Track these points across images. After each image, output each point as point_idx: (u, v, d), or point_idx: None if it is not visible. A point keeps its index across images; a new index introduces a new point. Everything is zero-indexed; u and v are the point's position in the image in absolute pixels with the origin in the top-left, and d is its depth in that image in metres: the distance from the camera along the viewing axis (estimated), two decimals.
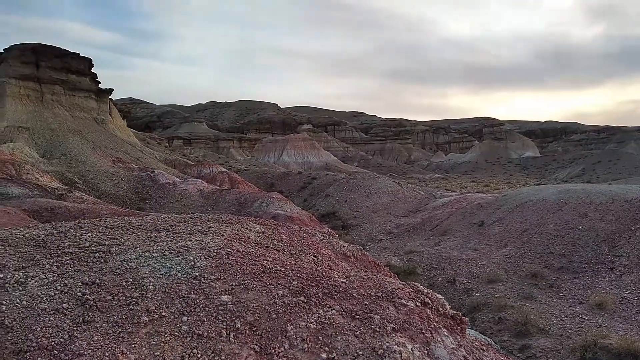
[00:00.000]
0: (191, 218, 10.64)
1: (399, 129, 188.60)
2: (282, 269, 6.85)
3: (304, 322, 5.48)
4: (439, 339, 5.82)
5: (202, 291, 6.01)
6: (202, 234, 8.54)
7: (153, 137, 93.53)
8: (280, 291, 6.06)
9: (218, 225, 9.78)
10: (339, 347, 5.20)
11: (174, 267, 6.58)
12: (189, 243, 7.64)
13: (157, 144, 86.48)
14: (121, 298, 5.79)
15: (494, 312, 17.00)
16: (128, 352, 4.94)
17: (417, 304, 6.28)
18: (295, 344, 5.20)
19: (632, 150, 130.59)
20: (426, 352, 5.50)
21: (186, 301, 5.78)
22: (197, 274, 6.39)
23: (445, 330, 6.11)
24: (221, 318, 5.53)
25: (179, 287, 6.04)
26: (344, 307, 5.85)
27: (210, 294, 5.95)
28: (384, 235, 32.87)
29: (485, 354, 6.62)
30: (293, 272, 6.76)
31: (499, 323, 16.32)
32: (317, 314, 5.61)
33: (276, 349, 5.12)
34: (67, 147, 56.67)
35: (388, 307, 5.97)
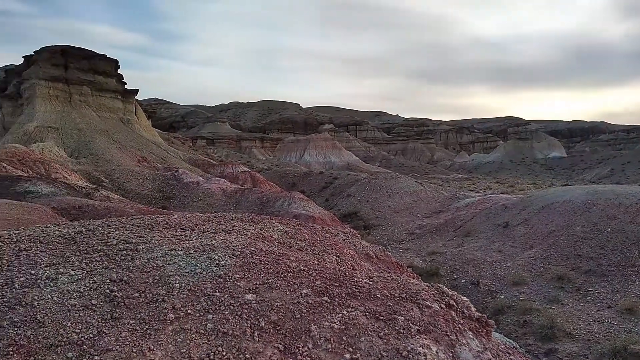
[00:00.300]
0: (215, 217, 10.75)
1: (421, 128, 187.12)
2: (306, 268, 6.86)
3: (327, 322, 5.48)
4: (464, 342, 5.74)
5: (226, 289, 6.07)
6: (226, 233, 8.63)
7: (177, 137, 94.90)
8: (304, 291, 6.07)
9: (242, 224, 9.86)
10: (362, 347, 5.19)
11: (199, 265, 6.66)
12: (214, 242, 7.72)
13: (181, 143, 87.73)
14: (148, 295, 5.88)
15: (519, 315, 16.70)
16: (155, 349, 5.02)
17: (442, 305, 6.22)
18: (319, 343, 5.20)
19: None
20: (451, 354, 5.44)
21: (211, 299, 5.84)
22: (221, 272, 6.46)
23: (471, 333, 6.02)
24: (245, 316, 5.57)
25: (204, 286, 6.11)
26: (367, 307, 5.82)
27: (235, 293, 6.00)
28: (406, 236, 32.65)
29: (512, 357, 6.51)
30: (316, 271, 6.77)
31: (524, 326, 16.03)
32: (340, 314, 5.61)
33: (300, 348, 5.13)
34: (94, 147, 57.99)
35: (412, 309, 5.92)
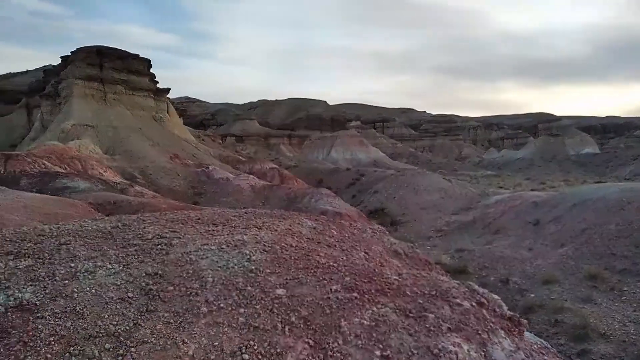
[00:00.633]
0: (245, 213, 10.90)
1: (449, 125, 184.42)
2: (335, 264, 6.90)
3: (357, 318, 5.51)
4: (496, 341, 5.68)
5: (258, 284, 6.17)
6: (256, 228, 8.75)
7: (207, 134, 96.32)
8: (334, 287, 6.12)
9: (271, 220, 9.98)
10: (393, 345, 5.20)
11: (231, 260, 6.79)
12: (245, 237, 7.84)
13: (211, 140, 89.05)
14: (182, 289, 6.04)
15: (550, 314, 16.33)
16: (188, 342, 5.15)
17: (473, 303, 6.16)
18: (349, 339, 5.24)
19: None
20: (483, 353, 5.39)
21: (243, 294, 5.95)
22: (253, 267, 6.57)
23: (503, 332, 5.95)
24: (276, 311, 5.65)
25: (236, 280, 6.22)
26: (397, 304, 5.83)
27: (266, 288, 6.09)
28: (434, 233, 32.32)
29: (545, 357, 6.40)
30: (346, 268, 6.81)
31: (555, 326, 15.67)
32: (370, 311, 5.63)
33: (330, 344, 5.18)
34: (128, 144, 59.48)
35: (443, 307, 5.90)
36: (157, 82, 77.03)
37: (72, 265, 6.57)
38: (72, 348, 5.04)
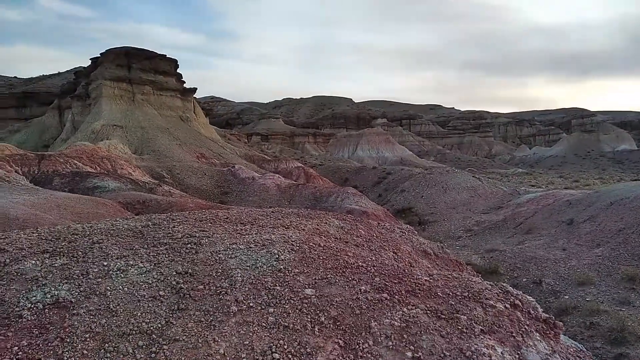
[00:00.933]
0: (272, 212, 10.93)
1: (478, 121, 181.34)
2: (364, 264, 6.83)
3: (387, 319, 5.43)
4: (531, 344, 5.52)
5: (286, 284, 6.15)
6: (284, 228, 8.75)
7: (233, 134, 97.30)
8: (363, 287, 6.05)
9: (298, 219, 9.97)
10: (424, 346, 5.10)
11: (259, 259, 6.80)
12: (273, 236, 7.85)
13: (237, 140, 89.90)
14: (212, 288, 6.07)
15: (585, 316, 15.84)
16: (219, 340, 5.17)
17: (507, 305, 6.00)
18: (380, 340, 5.17)
19: None
20: (517, 356, 5.24)
21: (272, 293, 5.95)
22: (281, 266, 6.56)
23: (538, 335, 5.78)
24: (305, 311, 5.62)
25: (265, 279, 6.22)
26: (428, 306, 5.72)
27: (295, 287, 6.07)
28: (463, 233, 31.82)
29: None
30: (375, 268, 6.73)
31: (590, 328, 15.19)
32: (401, 312, 5.54)
33: (360, 344, 5.12)
34: (156, 144, 60.57)
35: (475, 308, 5.76)
36: (184, 82, 78.23)
37: (105, 263, 6.69)
38: (106, 345, 5.13)
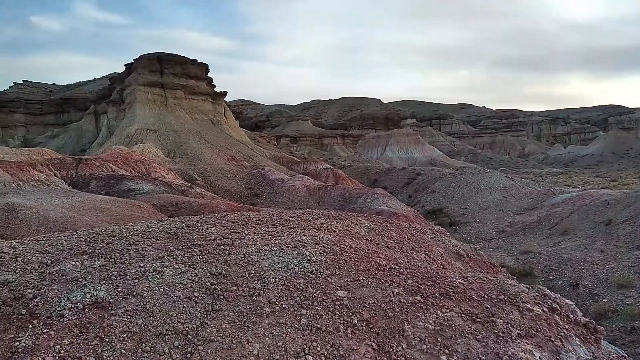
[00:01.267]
0: (303, 213, 10.97)
1: (511, 120, 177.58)
2: (396, 266, 6.78)
3: (421, 322, 5.37)
4: (571, 348, 5.35)
5: (318, 285, 6.16)
6: (315, 230, 8.77)
7: (262, 136, 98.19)
8: (396, 289, 6.00)
9: (329, 220, 9.98)
10: (459, 350, 5.02)
11: (291, 261, 6.84)
12: (304, 238, 7.88)
13: (266, 142, 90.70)
14: (245, 289, 6.14)
15: (626, 320, 15.25)
16: (253, 341, 5.22)
17: (544, 309, 5.84)
18: (414, 344, 5.11)
19: None
20: None
21: (304, 295, 5.96)
22: (313, 268, 6.57)
23: (577, 339, 5.60)
24: (338, 313, 5.61)
25: (297, 281, 6.25)
26: (463, 309, 5.63)
27: (327, 289, 6.07)
28: (496, 234, 31.20)
29: None
30: (407, 270, 6.67)
31: (631, 333, 14.62)
32: (434, 315, 5.47)
33: (394, 347, 5.07)
34: (188, 147, 61.74)
35: (512, 311, 5.63)
36: (215, 86, 79.52)
37: (142, 264, 6.85)
38: (144, 345, 5.25)
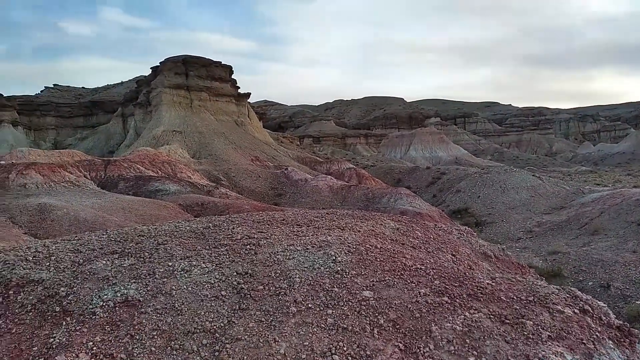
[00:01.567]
0: (327, 213, 10.98)
1: (537, 118, 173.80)
2: (422, 267, 6.73)
3: (449, 323, 5.31)
4: (604, 352, 5.21)
5: (344, 285, 6.16)
6: (339, 229, 8.77)
7: (285, 137, 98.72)
8: (422, 290, 5.95)
9: (353, 220, 9.96)
10: (488, 352, 4.95)
11: (316, 260, 6.85)
12: (329, 238, 7.89)
13: (289, 142, 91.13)
14: (271, 288, 6.18)
15: None
16: (280, 340, 5.26)
17: (575, 310, 5.71)
18: (441, 345, 5.06)
19: None
20: None
21: (330, 294, 5.97)
22: (338, 268, 6.58)
23: (611, 342, 5.45)
24: (364, 313, 5.60)
25: (323, 281, 6.26)
26: (491, 310, 5.54)
27: (353, 289, 6.07)
28: (523, 234, 30.62)
29: None
30: (434, 270, 6.61)
31: None
32: (462, 316, 5.40)
33: (421, 348, 5.04)
34: (213, 148, 62.51)
35: (542, 313, 5.52)
36: (238, 87, 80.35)
37: (170, 264, 6.98)
38: (173, 342, 5.34)
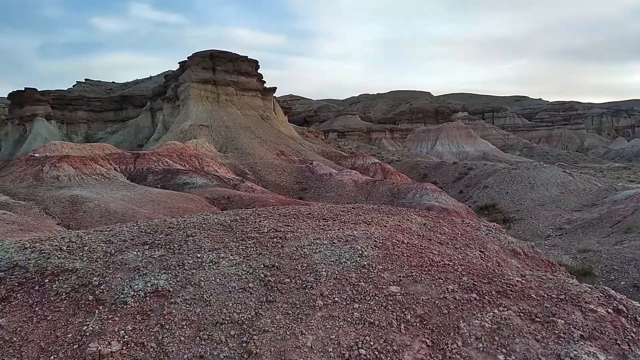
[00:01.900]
0: (353, 208, 10.96)
1: (569, 112, 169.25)
2: (450, 263, 6.66)
3: (477, 320, 5.24)
4: (639, 353, 5.07)
5: (371, 280, 6.15)
6: (365, 224, 8.75)
7: (310, 131, 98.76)
8: (450, 286, 5.89)
9: (379, 215, 9.92)
10: (517, 350, 4.87)
11: (343, 255, 6.86)
12: (355, 232, 7.88)
13: (314, 137, 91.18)
14: (297, 281, 6.22)
15: None
16: (306, 333, 5.29)
17: (609, 310, 5.56)
18: (469, 342, 5.01)
19: None
20: None
21: (356, 289, 5.97)
22: (365, 263, 6.57)
23: None
24: (391, 308, 5.59)
25: (349, 275, 6.27)
26: (521, 308, 5.45)
27: (379, 284, 6.05)
28: (553, 232, 29.96)
29: None
30: (462, 267, 6.53)
31: None
32: (491, 313, 5.33)
33: (449, 345, 4.99)
34: (239, 142, 63.11)
35: (573, 312, 5.40)
36: (264, 81, 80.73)
37: (199, 255, 7.09)
38: (201, 333, 5.44)
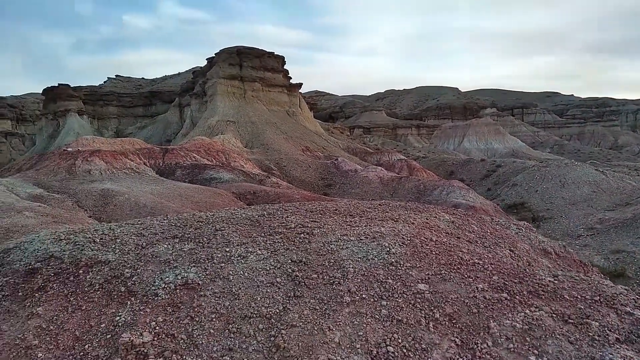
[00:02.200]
0: (380, 204, 10.91)
1: (602, 109, 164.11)
2: (480, 262, 6.56)
3: (508, 320, 5.16)
4: None
5: (398, 277, 6.12)
6: (393, 221, 8.69)
7: (336, 127, 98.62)
8: (480, 285, 5.81)
9: (407, 212, 9.84)
10: (550, 351, 4.77)
11: (370, 251, 6.83)
12: (382, 229, 7.84)
13: (339, 133, 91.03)
14: (325, 277, 6.23)
15: None
16: (334, 329, 5.30)
17: None
18: (500, 342, 4.93)
19: None
20: None
21: (384, 286, 5.95)
22: (393, 260, 6.53)
23: None
24: (419, 306, 5.54)
25: (377, 272, 6.24)
26: (553, 308, 5.33)
27: (407, 282, 6.01)
28: (584, 231, 29.18)
29: None
30: (492, 266, 6.43)
31: None
32: (522, 314, 5.23)
33: (478, 344, 4.93)
34: (265, 138, 63.47)
35: (608, 314, 5.25)
36: (290, 77, 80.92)
37: (227, 249, 7.18)
38: (230, 326, 5.51)
